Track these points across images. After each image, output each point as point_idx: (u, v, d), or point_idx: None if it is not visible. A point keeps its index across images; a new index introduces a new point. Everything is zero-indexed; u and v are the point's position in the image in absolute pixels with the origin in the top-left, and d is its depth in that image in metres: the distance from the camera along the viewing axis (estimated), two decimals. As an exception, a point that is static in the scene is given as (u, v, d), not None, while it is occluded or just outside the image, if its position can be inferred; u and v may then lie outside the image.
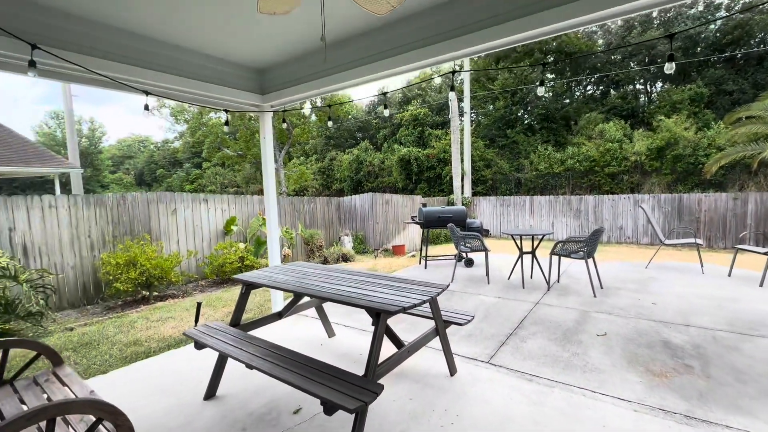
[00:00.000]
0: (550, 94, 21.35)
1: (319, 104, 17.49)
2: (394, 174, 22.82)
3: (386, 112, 3.74)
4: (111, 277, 5.53)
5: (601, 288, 5.16)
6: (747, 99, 15.41)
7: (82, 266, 5.79)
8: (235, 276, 3.06)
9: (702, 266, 5.97)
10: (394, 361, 2.31)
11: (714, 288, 5.05)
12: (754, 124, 9.74)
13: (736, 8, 17.39)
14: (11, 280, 4.26)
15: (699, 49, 17.70)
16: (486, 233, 7.58)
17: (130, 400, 2.71)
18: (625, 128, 16.68)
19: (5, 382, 2.14)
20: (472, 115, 24.61)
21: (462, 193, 16.43)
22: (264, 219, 8.02)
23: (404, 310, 2.07)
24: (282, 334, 3.88)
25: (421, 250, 7.10)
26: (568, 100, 21.32)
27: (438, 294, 2.42)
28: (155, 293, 6.06)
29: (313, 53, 3.64)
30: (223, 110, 3.75)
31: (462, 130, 17.47)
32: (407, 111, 25.66)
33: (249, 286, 2.92)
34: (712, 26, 17.59)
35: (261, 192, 24.71)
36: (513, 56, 20.68)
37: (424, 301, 2.22)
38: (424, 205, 6.96)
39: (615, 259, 7.97)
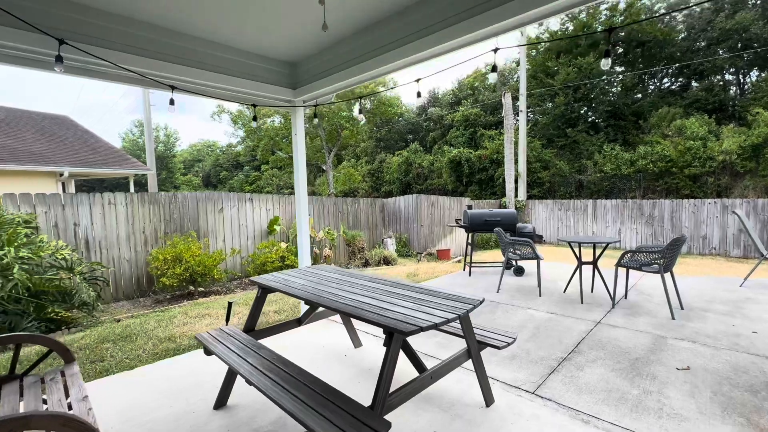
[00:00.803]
0: (620, 87, 19.37)
1: (364, 103, 17.37)
2: (444, 176, 22.18)
3: (419, 101, 3.35)
4: (159, 272, 5.74)
5: (682, 308, 4.29)
6: None
7: (137, 260, 6.10)
8: (251, 278, 2.87)
9: (820, 287, 4.79)
10: (411, 390, 1.93)
11: (840, 316, 3.97)
12: None
13: None
14: (67, 271, 4.53)
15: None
16: (539, 239, 6.83)
17: (142, 401, 2.61)
18: (710, 124, 14.56)
19: (16, 377, 2.11)
20: (529, 114, 23.21)
21: (516, 195, 15.42)
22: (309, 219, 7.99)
23: (422, 329, 1.69)
24: (306, 340, 3.66)
25: (466, 255, 6.58)
26: (639, 95, 19.19)
27: (469, 311, 1.99)
28: (200, 289, 6.21)
29: (343, 41, 3.38)
30: (252, 105, 3.62)
31: (517, 129, 16.43)
32: (458, 112, 24.88)
33: (265, 290, 2.71)
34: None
35: (314, 193, 25.33)
36: (575, 51, 19.09)
37: (449, 320, 1.82)
38: (470, 207, 6.44)
39: (698, 273, 6.79)
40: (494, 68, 2.48)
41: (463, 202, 11.34)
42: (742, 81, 17.84)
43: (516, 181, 16.98)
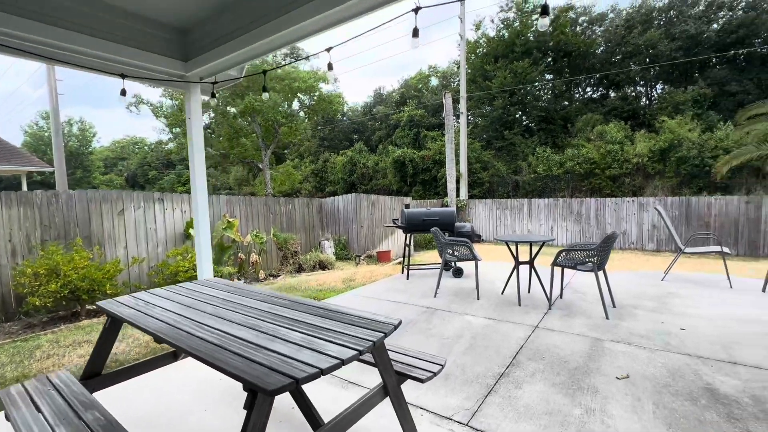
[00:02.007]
0: (550, 94, 20.49)
1: (303, 99, 16.33)
2: (388, 176, 21.94)
3: (330, 75, 2.79)
4: (27, 290, 4.57)
5: (614, 306, 4.21)
6: (751, 100, 14.51)
7: (0, 276, 4.84)
8: (98, 303, 2.10)
9: (729, 279, 5.02)
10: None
11: (751, 307, 4.10)
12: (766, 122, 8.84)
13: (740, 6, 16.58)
14: None
15: (699, 49, 16.83)
16: (478, 239, 6.59)
17: None
18: (626, 130, 15.79)
19: None
20: (469, 116, 23.75)
21: (458, 195, 15.52)
22: (229, 222, 7.08)
23: (298, 383, 1.12)
24: (186, 379, 2.79)
25: (403, 257, 6.16)
26: (567, 102, 20.46)
27: (379, 340, 1.47)
28: (90, 308, 5.10)
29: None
30: (120, 76, 2.81)
31: (458, 131, 16.60)
32: (403, 112, 24.84)
33: (115, 320, 1.97)
34: (715, 25, 16.74)
35: (253, 194, 23.73)
36: (511, 56, 19.84)
37: (346, 361, 1.28)
38: (408, 207, 6.03)
39: (623, 268, 7.03)
40: (415, 32, 2.00)
41: (407, 201, 11.02)
42: (650, 92, 19.73)
43: (458, 182, 17.14)
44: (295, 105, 16.21)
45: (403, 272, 6.26)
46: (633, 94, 19.49)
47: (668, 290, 4.87)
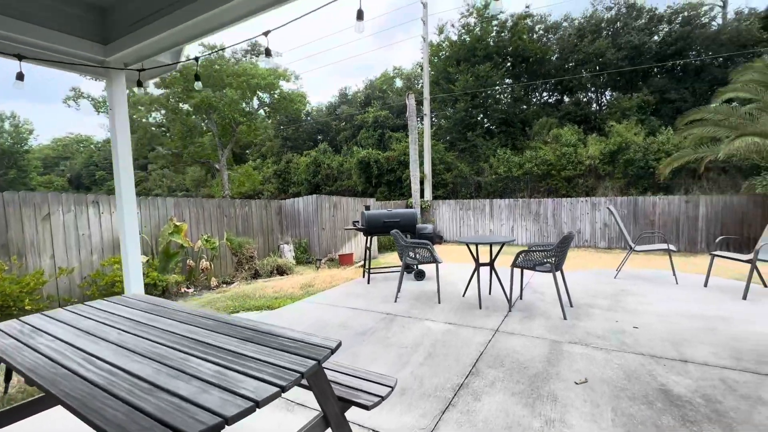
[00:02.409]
0: (509, 98, 21.10)
1: (262, 96, 15.67)
2: (353, 177, 21.66)
3: (264, 62, 2.51)
4: None
5: (571, 306, 4.22)
6: (688, 107, 15.65)
7: None
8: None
9: (675, 275, 5.23)
10: None
11: (695, 303, 4.26)
12: (705, 126, 9.50)
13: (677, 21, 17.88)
14: None
15: (642, 59, 17.97)
16: (440, 240, 6.49)
17: None
18: (579, 133, 16.53)
19: None
20: (433, 118, 23.99)
21: (422, 196, 15.54)
22: (177, 226, 6.54)
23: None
24: None
25: (365, 260, 5.93)
26: (525, 106, 21.15)
27: (314, 368, 1.23)
28: (4, 326, 4.44)
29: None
30: (16, 57, 2.37)
31: (421, 132, 16.65)
32: (368, 113, 24.66)
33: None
34: (656, 37, 17.96)
35: (211, 196, 22.55)
36: (473, 60, 20.21)
37: (259, 404, 1.03)
38: (368, 208, 5.82)
39: (578, 266, 7.21)
40: (360, 14, 1.78)
41: (369, 203, 10.81)
42: (600, 98, 20.84)
43: (422, 183, 17.20)
44: (256, 103, 15.52)
45: (364, 276, 6.03)
46: (585, 99, 20.49)
47: (621, 287, 4.99)
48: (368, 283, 5.72)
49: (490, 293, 4.82)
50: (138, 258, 3.04)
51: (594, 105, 20.63)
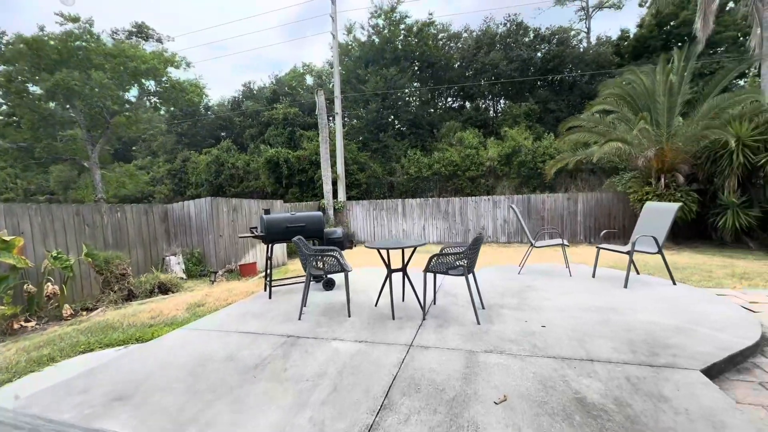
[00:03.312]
0: (418, 101, 21.73)
1: (147, 86, 13.12)
2: (262, 177, 20.07)
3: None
4: None
5: (483, 308, 4.10)
6: (564, 116, 17.91)
7: None
8: None
9: (569, 268, 5.58)
10: None
11: (588, 294, 4.50)
12: (581, 132, 10.77)
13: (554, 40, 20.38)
14: None
15: (530, 72, 20.10)
16: (351, 245, 5.98)
17: None
18: (479, 136, 17.72)
19: None
20: (345, 117, 23.55)
21: (336, 197, 14.97)
22: (5, 241, 4.89)
23: None
24: None
25: (266, 272, 5.14)
26: (432, 109, 22.04)
27: None
28: None
29: None
30: None
31: (333, 131, 16.06)
32: (277, 109, 23.12)
33: None
34: (539, 54, 20.26)
35: (81, 201, 18.59)
36: (382, 62, 20.29)
37: None
38: (267, 212, 5.04)
39: (485, 263, 7.42)
40: None
41: (276, 205, 9.85)
42: (496, 106, 22.77)
43: (335, 183, 16.62)
44: (145, 94, 13.06)
45: (266, 290, 5.23)
46: (483, 106, 22.17)
47: (525, 283, 5.11)
48: (270, 297, 4.95)
49: (403, 300, 4.49)
50: None
51: (491, 111, 22.45)
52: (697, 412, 2.14)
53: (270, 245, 5.02)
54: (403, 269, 4.16)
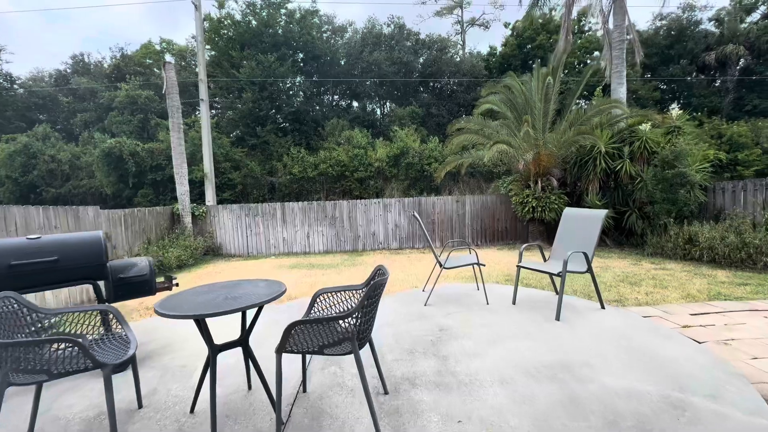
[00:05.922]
0: (302, 95, 19.38)
1: None
2: (98, 175, 14.99)
3: None
4: None
5: (386, 393, 2.37)
6: (446, 122, 18.07)
7: None
8: None
9: (486, 294, 4.29)
10: None
11: (523, 338, 3.19)
12: (468, 134, 10.29)
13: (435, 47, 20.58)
14: None
15: (412, 76, 19.84)
16: (168, 285, 3.43)
17: None
18: (368, 136, 16.50)
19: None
20: (218, 106, 19.66)
21: (203, 200, 11.70)
22: None
23: None
24: None
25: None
26: (317, 105, 19.98)
27: None
28: None
29: None
30: None
31: (197, 121, 12.64)
32: (122, 89, 17.82)
33: None
34: (421, 59, 20.18)
35: None
36: (261, 46, 17.32)
37: None
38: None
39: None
40: None
41: (88, 213, 6.51)
42: (383, 107, 22.02)
43: (202, 183, 13.20)
44: None
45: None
46: (371, 106, 21.14)
47: (438, 324, 3.60)
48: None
49: (250, 388, 2.46)
50: None
51: (378, 112, 21.58)
52: None
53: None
54: (243, 341, 2.15)
